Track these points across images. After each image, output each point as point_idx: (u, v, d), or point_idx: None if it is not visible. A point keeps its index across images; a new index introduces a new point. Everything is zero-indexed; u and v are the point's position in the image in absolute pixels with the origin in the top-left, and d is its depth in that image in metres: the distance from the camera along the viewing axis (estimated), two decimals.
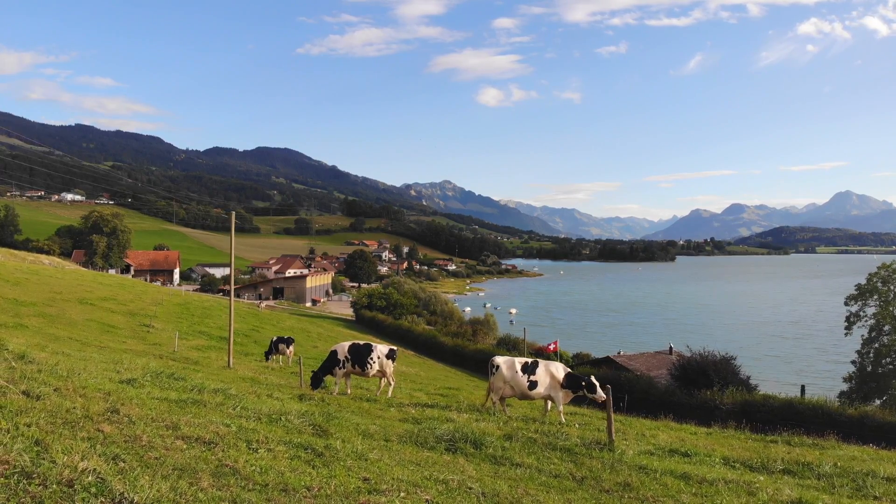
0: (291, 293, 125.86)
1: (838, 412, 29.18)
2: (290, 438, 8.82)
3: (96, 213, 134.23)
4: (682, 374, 40.23)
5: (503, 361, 16.74)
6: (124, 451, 6.57)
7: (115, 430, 7.48)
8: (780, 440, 16.27)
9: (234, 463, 6.87)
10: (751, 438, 16.67)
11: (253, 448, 7.92)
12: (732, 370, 41.29)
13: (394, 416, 13.93)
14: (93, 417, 7.83)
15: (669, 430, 16.44)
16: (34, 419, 7.11)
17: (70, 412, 7.84)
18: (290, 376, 23.08)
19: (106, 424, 7.58)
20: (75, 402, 8.45)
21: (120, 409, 8.53)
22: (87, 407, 8.23)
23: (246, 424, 9.22)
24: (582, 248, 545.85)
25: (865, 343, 50.39)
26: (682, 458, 11.87)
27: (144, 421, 8.26)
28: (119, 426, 7.73)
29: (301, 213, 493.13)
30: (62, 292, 48.07)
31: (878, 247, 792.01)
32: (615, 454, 11.16)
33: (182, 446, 7.32)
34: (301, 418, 10.43)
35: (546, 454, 10.88)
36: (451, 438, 10.87)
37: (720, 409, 32.71)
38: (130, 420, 8.16)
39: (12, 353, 10.47)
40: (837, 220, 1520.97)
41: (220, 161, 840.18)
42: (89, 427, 7.34)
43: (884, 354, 48.14)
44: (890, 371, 47.83)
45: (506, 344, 65.59)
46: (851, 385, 49.54)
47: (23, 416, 7.17)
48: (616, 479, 9.53)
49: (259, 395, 13.34)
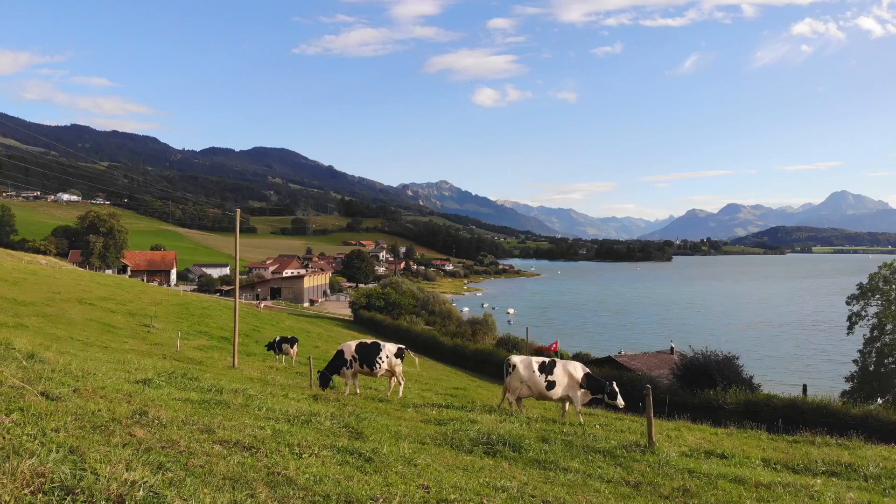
0: (289, 293, 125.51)
1: (842, 412, 29.05)
2: (331, 442, 8.47)
3: (93, 213, 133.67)
4: (685, 374, 40.11)
5: (520, 361, 16.26)
6: (167, 459, 6.13)
7: (149, 434, 7.07)
8: (803, 440, 16.01)
9: (285, 470, 6.49)
10: (772, 438, 16.40)
11: (297, 453, 7.51)
12: (735, 370, 41.17)
13: (413, 416, 13.58)
14: (121, 421, 7.41)
15: (691, 431, 16.09)
16: (60, 423, 6.68)
17: (96, 415, 7.43)
18: (296, 376, 22.87)
19: (137, 428, 7.17)
20: (98, 403, 8.06)
21: (148, 411, 8.14)
22: (112, 409, 7.85)
23: (279, 427, 8.86)
24: (579, 248, 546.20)
25: (867, 342, 50.39)
26: (720, 460, 11.57)
27: (175, 424, 7.90)
28: (151, 430, 7.33)
29: (298, 213, 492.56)
30: (61, 292, 47.78)
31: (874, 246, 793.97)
32: (659, 457, 10.82)
33: (223, 452, 6.94)
34: (332, 420, 10.09)
35: (589, 458, 10.57)
36: (487, 441, 10.50)
37: (724, 408, 32.63)
38: (161, 423, 7.77)
39: (21, 353, 10.06)
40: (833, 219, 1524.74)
41: (216, 161, 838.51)
42: (120, 432, 6.92)
43: (886, 354, 48.15)
44: (892, 370, 47.83)
45: (506, 344, 65.44)
46: (854, 384, 49.52)
47: (48, 420, 6.75)
48: (673, 485, 9.23)
49: (275, 396, 13.01)
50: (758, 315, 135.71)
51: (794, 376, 61.79)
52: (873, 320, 51.12)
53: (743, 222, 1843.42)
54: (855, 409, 30.83)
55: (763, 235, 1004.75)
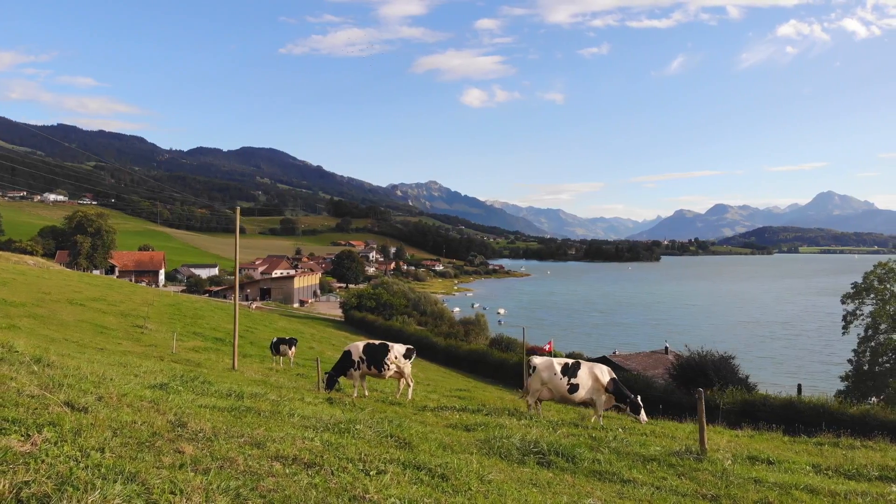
0: (279, 294, 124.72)
1: (839, 411, 29.11)
2: (387, 455, 7.78)
3: (80, 213, 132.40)
4: (681, 374, 40.19)
5: (541, 362, 15.67)
6: (237, 484, 5.46)
7: (199, 451, 6.34)
8: (827, 442, 15.73)
9: (366, 493, 5.90)
10: (793, 441, 16.08)
11: (364, 470, 6.84)
12: (731, 369, 41.26)
13: (435, 421, 12.99)
14: (163, 435, 6.69)
15: (714, 434, 15.72)
16: (100, 440, 5.92)
17: (135, 429, 6.67)
18: (298, 378, 22.57)
19: (184, 444, 6.43)
20: (129, 413, 7.32)
21: (185, 421, 7.40)
22: (149, 421, 7.10)
23: (326, 438, 8.25)
24: (568, 248, 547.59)
25: (862, 341, 50.49)
26: (768, 466, 11.07)
27: (221, 437, 7.13)
28: (199, 445, 6.57)
29: (286, 213, 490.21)
30: (51, 293, 47.19)
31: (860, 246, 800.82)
32: (716, 465, 10.32)
33: (285, 471, 6.22)
34: (372, 428, 9.51)
35: (647, 467, 10.02)
36: (538, 451, 9.88)
37: (720, 408, 32.64)
38: (206, 437, 7.02)
39: (27, 356, 9.56)
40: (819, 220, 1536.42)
41: (203, 161, 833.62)
42: (168, 448, 6.19)
43: (880, 353, 48.26)
44: (887, 369, 47.96)
45: (499, 344, 65.29)
46: (848, 384, 49.60)
47: (85, 436, 5.97)
48: (752, 497, 8.72)
49: (293, 400, 12.40)
50: (747, 315, 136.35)
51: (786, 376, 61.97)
52: (867, 319, 51.24)
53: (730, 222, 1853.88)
54: (852, 408, 30.90)
55: (750, 235, 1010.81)
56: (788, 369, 69.68)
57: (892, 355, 48.09)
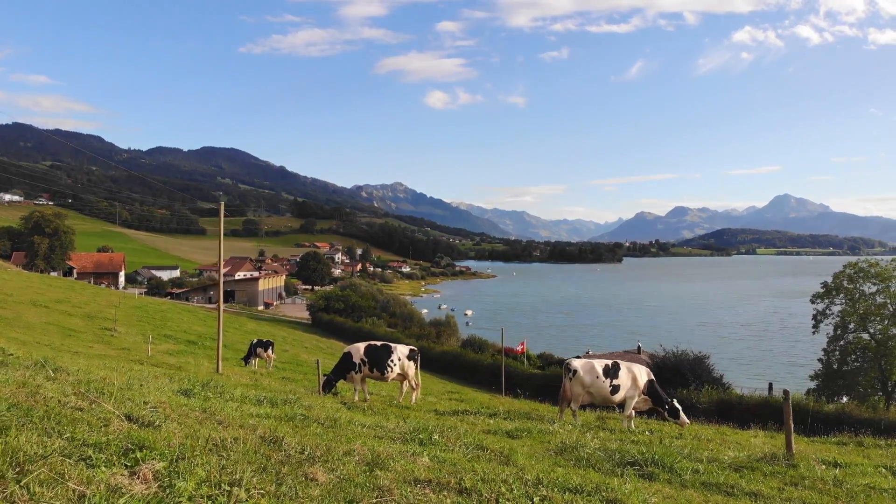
0: (243, 296, 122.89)
1: (816, 409, 29.67)
2: (519, 473, 6.75)
3: (38, 213, 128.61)
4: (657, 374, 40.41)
5: (581, 365, 14.89)
6: None
7: (330, 478, 5.32)
8: (849, 441, 15.54)
9: None
10: (812, 441, 15.84)
11: (527, 495, 5.96)
12: (706, 369, 41.86)
13: (468, 428, 11.57)
14: (270, 456, 5.64)
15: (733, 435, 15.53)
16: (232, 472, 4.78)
17: (231, 448, 5.61)
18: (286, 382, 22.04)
19: (313, 468, 5.42)
20: (206, 428, 6.22)
21: (278, 437, 6.35)
22: (242, 438, 6.02)
23: (438, 454, 7.30)
24: (533, 249, 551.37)
25: (831, 341, 51.33)
26: (835, 469, 10.47)
27: (333, 456, 6.12)
28: (326, 470, 5.54)
29: (249, 214, 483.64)
30: (13, 294, 45.75)
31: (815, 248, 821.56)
32: (814, 471, 9.81)
33: (437, 499, 5.37)
34: (455, 439, 8.66)
35: (748, 476, 9.22)
36: (632, 461, 9.06)
37: (697, 407, 33.00)
38: (314, 456, 5.99)
39: (31, 360, 8.68)
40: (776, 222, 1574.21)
41: (163, 161, 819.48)
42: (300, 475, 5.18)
43: (849, 352, 49.20)
44: (856, 368, 48.95)
45: (471, 345, 65.32)
46: (819, 383, 50.38)
47: (194, 463, 4.83)
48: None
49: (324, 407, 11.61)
50: (710, 316, 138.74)
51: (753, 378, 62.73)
52: (837, 319, 52.15)
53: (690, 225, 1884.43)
54: (828, 406, 31.55)
55: (709, 237, 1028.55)
56: (756, 370, 70.55)
57: (860, 354, 49.14)
